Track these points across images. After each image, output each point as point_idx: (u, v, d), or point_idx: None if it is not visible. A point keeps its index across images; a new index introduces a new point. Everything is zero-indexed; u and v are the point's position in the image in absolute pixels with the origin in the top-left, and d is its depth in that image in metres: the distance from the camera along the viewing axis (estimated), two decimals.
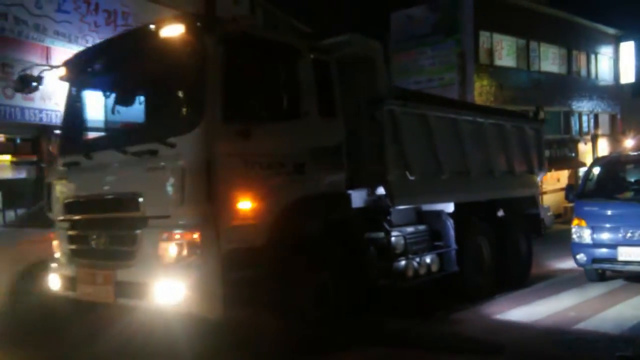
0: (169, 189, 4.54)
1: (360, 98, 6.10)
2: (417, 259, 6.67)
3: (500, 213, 8.60)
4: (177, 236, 4.55)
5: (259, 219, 4.78)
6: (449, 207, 7.42)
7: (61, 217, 5.48)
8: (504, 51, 22.09)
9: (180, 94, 4.97)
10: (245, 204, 4.76)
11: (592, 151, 24.52)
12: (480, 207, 7.76)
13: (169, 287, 4.46)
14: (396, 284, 6.34)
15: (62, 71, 5.73)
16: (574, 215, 8.49)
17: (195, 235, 4.49)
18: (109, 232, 4.98)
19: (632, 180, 10.22)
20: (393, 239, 6.32)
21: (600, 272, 8.48)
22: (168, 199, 4.53)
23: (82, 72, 5.64)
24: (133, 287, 4.69)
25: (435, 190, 7.13)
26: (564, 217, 20.99)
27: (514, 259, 8.22)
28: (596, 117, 26.11)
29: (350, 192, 5.86)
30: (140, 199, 4.69)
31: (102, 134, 5.71)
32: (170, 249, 4.57)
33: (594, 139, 26.33)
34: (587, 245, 8.19)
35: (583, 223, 8.31)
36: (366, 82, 6.18)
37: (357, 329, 5.52)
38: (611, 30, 27.60)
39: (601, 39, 27.08)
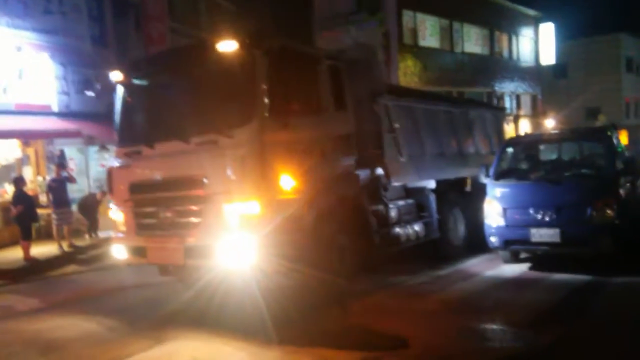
0: (230, 171, 6.11)
1: (364, 94, 7.83)
2: (408, 227, 8.50)
3: (468, 188, 10.45)
4: (237, 207, 6.11)
5: (297, 194, 6.40)
6: (431, 184, 9.26)
7: (126, 198, 6.92)
8: (428, 31, 22.91)
9: (235, 95, 6.41)
10: (288, 182, 6.37)
11: (515, 132, 25.25)
12: (455, 184, 9.51)
13: (230, 247, 6.06)
14: (392, 247, 8.10)
15: (124, 74, 7.24)
16: (486, 196, 8.85)
17: (252, 206, 6.07)
18: (177, 207, 6.52)
19: (545, 160, 10.27)
20: (390, 210, 8.12)
21: (514, 253, 8.87)
22: (229, 178, 6.10)
23: (144, 76, 7.19)
24: (199, 250, 6.27)
25: (421, 170, 8.98)
26: None
27: (478, 228, 9.34)
28: (518, 97, 27.51)
29: (358, 172, 7.61)
30: (205, 180, 6.24)
31: (160, 128, 6.98)
32: (231, 218, 6.12)
33: (516, 120, 27.21)
34: (500, 227, 8.52)
35: (495, 204, 8.61)
36: (367, 81, 7.92)
37: (367, 282, 7.60)
38: (531, 12, 29.18)
39: (522, 20, 28.42)
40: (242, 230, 6.02)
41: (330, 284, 6.68)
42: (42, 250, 11.98)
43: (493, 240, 8.56)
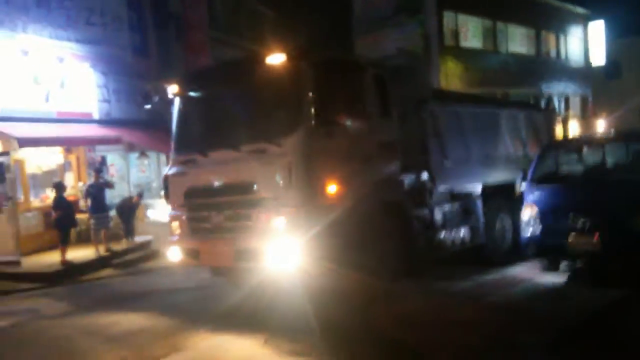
0: (278, 177, 6.49)
1: (409, 100, 8.06)
2: (453, 231, 8.62)
3: (516, 193, 10.00)
4: (286, 212, 6.48)
5: (341, 199, 6.72)
6: (478, 189, 9.29)
7: (181, 203, 7.44)
8: (470, 32, 22.66)
9: (283, 105, 6.82)
10: (332, 188, 6.71)
11: (563, 134, 24.36)
12: (502, 188, 9.44)
13: (277, 250, 6.44)
14: (437, 252, 8.23)
15: (179, 87, 7.74)
16: (524, 201, 8.60)
17: (300, 211, 6.44)
18: (228, 211, 6.95)
19: (588, 163, 9.64)
20: (435, 214, 8.26)
21: (553, 262, 8.57)
22: (277, 185, 6.49)
23: (197, 88, 7.67)
24: (249, 252, 6.67)
25: (467, 174, 9.10)
26: None
27: None
28: (567, 99, 26.40)
29: (402, 177, 7.85)
30: (255, 186, 6.66)
31: (212, 137, 7.44)
32: (280, 222, 6.49)
33: (565, 121, 26.20)
34: (537, 234, 8.23)
35: (533, 209, 8.32)
36: (411, 87, 8.17)
37: (412, 286, 7.73)
38: (580, 10, 28.30)
39: (570, 18, 27.62)
40: (290, 234, 6.41)
41: (372, 287, 6.97)
42: (79, 254, 12.50)
43: (530, 247, 8.35)
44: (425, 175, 8.18)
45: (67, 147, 15.09)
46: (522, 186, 8.83)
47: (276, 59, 6.65)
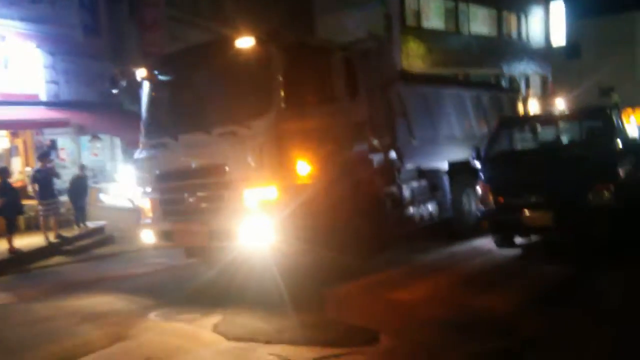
0: (250, 159, 6.66)
1: (376, 82, 8.28)
2: (422, 207, 8.95)
3: None
4: (257, 192, 6.67)
5: (313, 179, 6.95)
6: (444, 166, 9.58)
7: (153, 187, 7.59)
8: (432, 12, 22.67)
9: (253, 88, 6.97)
10: (304, 168, 6.89)
11: (523, 113, 24.33)
12: (467, 165, 9.54)
13: (251, 230, 6.64)
14: (407, 227, 8.56)
15: (148, 70, 7.74)
16: (478, 180, 8.72)
17: (271, 191, 6.63)
18: (201, 193, 7.14)
19: (541, 141, 9.67)
20: (404, 191, 8.56)
21: (507, 237, 8.72)
22: (249, 166, 6.66)
23: (166, 72, 7.72)
24: (223, 232, 6.84)
25: (433, 152, 9.42)
26: None
27: None
28: (527, 79, 26.23)
29: (371, 156, 8.09)
30: (227, 168, 6.84)
31: (183, 120, 7.54)
32: (252, 202, 6.69)
33: (525, 101, 26.14)
34: (491, 211, 8.35)
35: (487, 187, 8.46)
36: (379, 69, 8.39)
37: (381, 260, 8.04)
38: None
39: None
40: (262, 213, 6.65)
41: (344, 263, 7.30)
42: (28, 241, 12.25)
43: (485, 224, 8.49)
44: (393, 154, 8.46)
45: (12, 131, 14.38)
46: (474, 163, 8.94)
47: (245, 42, 6.79)
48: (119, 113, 16.41)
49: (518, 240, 8.84)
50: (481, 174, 8.64)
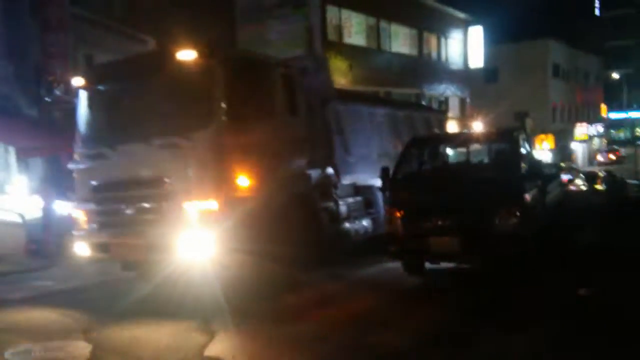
0: (189, 171, 6.92)
1: (314, 99, 8.66)
2: (357, 222, 9.28)
3: None
4: (196, 205, 6.87)
5: (253, 192, 7.25)
6: (378, 182, 9.54)
7: (88, 197, 7.55)
8: (354, 29, 22.78)
9: (193, 100, 7.14)
10: (244, 181, 7.19)
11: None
12: None
13: (190, 242, 6.86)
14: (343, 242, 8.87)
15: (86, 79, 7.85)
16: (385, 203, 8.84)
17: (211, 204, 6.87)
18: (139, 205, 7.23)
19: (451, 163, 9.31)
20: (340, 207, 8.90)
21: (415, 263, 8.46)
22: (189, 178, 6.92)
23: (106, 81, 7.80)
24: (161, 245, 6.98)
25: (368, 169, 9.67)
26: None
27: None
28: (446, 100, 26.60)
29: (309, 172, 8.42)
30: (166, 179, 7.01)
31: (121, 131, 7.52)
32: (191, 215, 6.88)
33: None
34: (398, 236, 8.04)
35: (396, 212, 8.15)
36: (317, 87, 8.76)
37: (316, 273, 8.36)
38: (461, 15, 29.23)
39: (451, 22, 28.53)
40: (202, 226, 6.86)
41: (283, 275, 7.60)
42: None
43: (392, 249, 8.20)
44: (330, 170, 8.89)
45: None
46: (380, 185, 8.94)
47: (186, 55, 7.04)
48: (14, 118, 15.05)
49: (428, 265, 8.68)
50: (388, 196, 8.64)
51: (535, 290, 7.33)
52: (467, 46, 32.25)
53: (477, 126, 29.91)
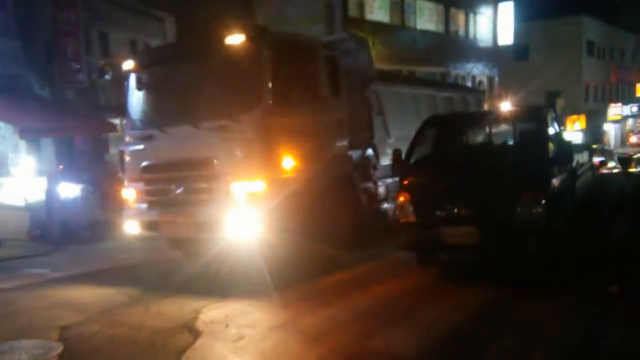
0: (238, 152, 7.28)
1: (355, 80, 8.95)
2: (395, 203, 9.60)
3: None
4: (244, 185, 7.26)
5: (297, 173, 7.63)
6: None
7: (138, 178, 8.03)
8: (376, 4, 21.62)
9: (242, 83, 7.48)
10: (289, 162, 7.54)
11: None
12: None
13: (237, 221, 7.26)
14: (381, 222, 8.98)
15: (135, 63, 8.15)
16: (398, 188, 8.05)
17: (259, 185, 7.24)
18: (189, 185, 7.65)
19: (471, 144, 8.41)
20: (379, 188, 9.20)
21: (429, 255, 7.88)
22: (237, 159, 7.30)
23: (155, 65, 8.15)
24: (210, 224, 7.42)
25: None
26: None
27: None
28: (473, 79, 25.45)
29: (350, 153, 8.78)
30: (215, 160, 7.42)
31: (170, 114, 7.95)
32: (240, 195, 7.27)
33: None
34: (412, 225, 7.40)
35: (406, 197, 7.59)
36: (358, 68, 9.06)
37: (356, 254, 8.67)
38: None
39: None
40: (248, 205, 7.20)
41: (326, 255, 7.93)
42: None
43: (402, 240, 7.70)
44: (370, 151, 9.14)
45: None
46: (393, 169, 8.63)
47: (236, 39, 7.32)
48: (20, 98, 14.62)
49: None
50: (400, 182, 8.11)
51: (561, 287, 6.84)
52: (496, 23, 31.87)
53: (506, 106, 28.72)
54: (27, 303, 7.51)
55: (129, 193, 8.30)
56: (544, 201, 6.84)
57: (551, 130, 8.27)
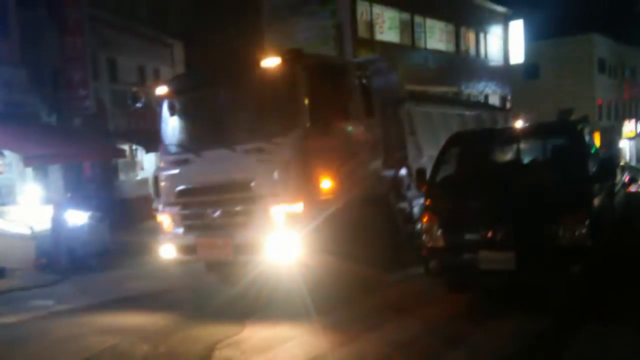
0: (276, 175, 7.36)
1: (388, 101, 9.05)
2: None
3: None
4: (284, 208, 7.36)
5: (335, 195, 7.69)
6: None
7: (173, 202, 8.13)
8: (386, 25, 21.95)
9: (279, 106, 7.61)
10: (327, 184, 7.60)
11: None
12: None
13: (277, 244, 7.35)
14: (415, 243, 8.80)
15: (169, 89, 8.26)
16: (423, 209, 7.90)
17: (297, 207, 7.33)
18: (226, 208, 7.72)
19: (499, 162, 7.81)
20: (414, 208, 9.22)
21: (461, 280, 7.60)
22: (275, 182, 7.40)
23: (187, 90, 8.30)
24: (248, 246, 7.49)
25: None
26: None
27: None
28: (486, 98, 24.93)
29: (385, 173, 8.89)
30: (252, 183, 7.52)
31: (206, 137, 8.06)
32: (278, 217, 7.39)
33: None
34: (439, 249, 7.15)
35: (433, 219, 7.31)
36: (389, 89, 9.11)
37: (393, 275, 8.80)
38: (500, 9, 27.33)
39: (490, 17, 27.38)
40: (287, 228, 7.30)
41: (365, 276, 7.93)
42: None
43: (431, 265, 7.25)
44: (403, 171, 9.16)
45: None
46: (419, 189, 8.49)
47: (271, 62, 7.44)
48: (27, 126, 14.32)
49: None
50: (427, 202, 7.85)
51: (605, 314, 6.47)
52: (507, 42, 32.11)
53: (519, 124, 28.14)
54: (30, 341, 7.30)
55: (165, 218, 8.36)
56: (587, 221, 6.51)
57: (588, 146, 8.00)
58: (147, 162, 23.33)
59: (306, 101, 7.47)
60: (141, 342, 6.77)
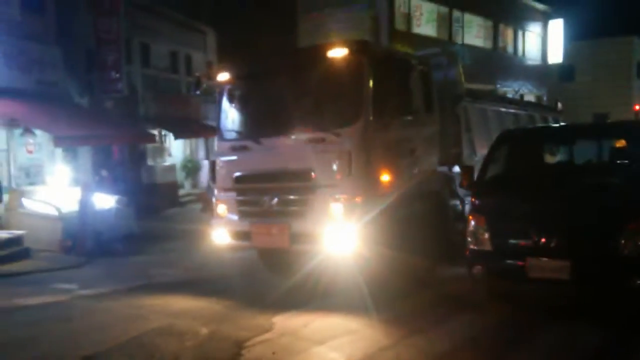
0: (336, 166, 7.34)
1: (445, 96, 8.97)
2: None
3: None
4: (343, 199, 7.31)
5: (393, 189, 7.68)
6: None
7: (230, 187, 8.12)
8: (424, 18, 21.40)
9: (342, 97, 7.59)
10: (385, 178, 7.60)
11: None
12: None
13: (335, 235, 7.33)
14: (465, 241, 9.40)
15: (231, 75, 8.18)
16: (469, 210, 7.67)
17: (358, 199, 7.31)
18: (284, 196, 7.71)
19: (551, 163, 8.76)
20: (465, 205, 9.11)
21: (505, 290, 7.35)
22: (336, 173, 7.38)
23: (249, 77, 8.24)
24: (306, 236, 7.51)
25: None
26: None
27: None
28: (522, 97, 24.19)
29: (440, 169, 8.89)
30: (313, 173, 7.52)
31: (266, 125, 8.00)
32: (338, 208, 7.35)
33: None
34: (485, 254, 6.75)
35: (480, 222, 6.91)
36: (448, 84, 9.08)
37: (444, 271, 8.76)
38: (540, 6, 26.58)
39: (529, 14, 26.51)
40: (346, 219, 7.28)
41: (420, 270, 8.01)
42: None
43: (477, 271, 6.88)
44: (456, 168, 9.11)
45: None
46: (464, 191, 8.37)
47: (338, 52, 7.39)
48: (58, 106, 14.15)
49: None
50: (472, 204, 7.57)
51: None
52: (545, 40, 31.68)
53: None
54: (50, 325, 7.15)
55: (220, 203, 8.41)
56: None
57: None
58: (175, 148, 23.36)
59: (370, 93, 7.41)
60: (178, 332, 6.49)
